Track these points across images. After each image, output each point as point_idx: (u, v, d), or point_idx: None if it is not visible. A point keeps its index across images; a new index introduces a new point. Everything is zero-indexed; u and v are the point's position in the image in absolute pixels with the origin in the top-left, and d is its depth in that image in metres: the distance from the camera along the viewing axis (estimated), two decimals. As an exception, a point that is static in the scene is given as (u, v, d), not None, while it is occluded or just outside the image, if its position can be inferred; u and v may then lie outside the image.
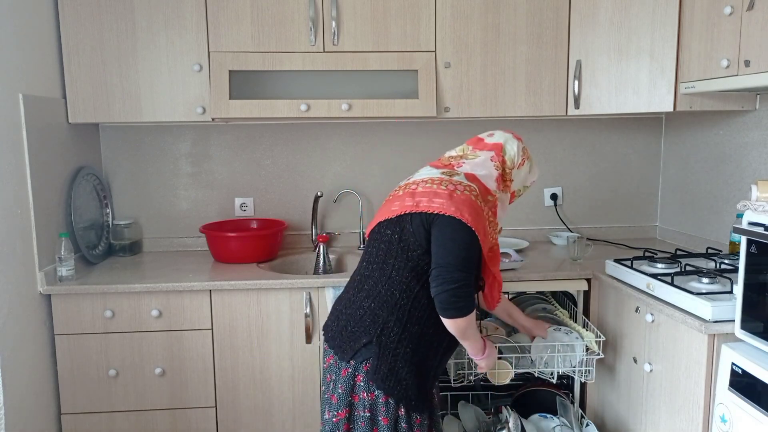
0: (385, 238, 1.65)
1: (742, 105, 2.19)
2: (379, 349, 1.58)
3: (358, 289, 1.67)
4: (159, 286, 2.14)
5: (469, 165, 1.74)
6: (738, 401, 1.53)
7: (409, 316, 1.59)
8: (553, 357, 2.03)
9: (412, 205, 1.60)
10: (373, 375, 1.57)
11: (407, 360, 1.59)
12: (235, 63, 2.32)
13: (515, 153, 1.77)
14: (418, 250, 1.59)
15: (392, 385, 1.57)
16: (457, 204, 1.57)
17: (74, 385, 2.19)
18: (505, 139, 1.78)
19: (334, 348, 1.66)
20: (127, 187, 2.71)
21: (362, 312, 1.63)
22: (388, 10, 2.35)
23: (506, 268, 2.25)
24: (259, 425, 2.27)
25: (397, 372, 1.58)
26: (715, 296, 1.68)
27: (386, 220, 1.66)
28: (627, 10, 2.26)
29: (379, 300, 1.61)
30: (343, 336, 1.64)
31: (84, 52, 2.30)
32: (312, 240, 2.69)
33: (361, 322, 1.62)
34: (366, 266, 1.69)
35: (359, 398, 1.59)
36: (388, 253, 1.63)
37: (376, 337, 1.58)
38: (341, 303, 1.71)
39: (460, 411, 2.25)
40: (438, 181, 1.64)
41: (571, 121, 2.83)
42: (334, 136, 2.76)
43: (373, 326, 1.60)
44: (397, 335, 1.59)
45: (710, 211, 2.48)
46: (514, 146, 1.77)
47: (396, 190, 1.73)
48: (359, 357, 1.59)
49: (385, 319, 1.59)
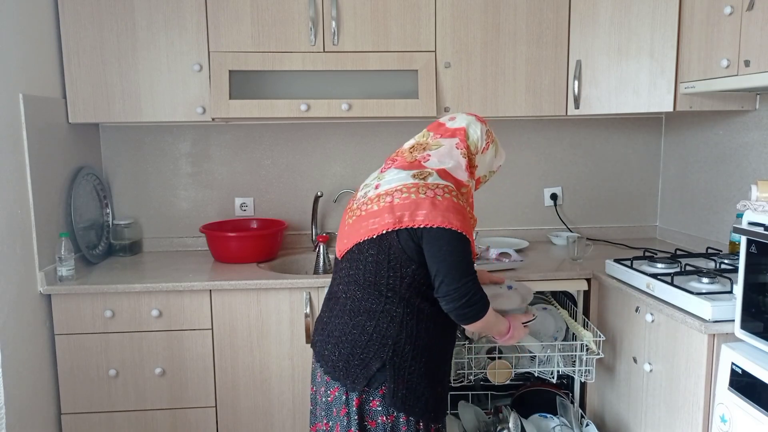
0: (369, 258, 1.53)
1: (742, 105, 2.19)
2: (394, 371, 1.51)
3: (354, 313, 1.56)
4: (159, 286, 2.14)
5: (436, 157, 1.61)
6: (738, 401, 1.53)
7: (417, 330, 1.54)
8: (551, 345, 2.04)
9: (394, 222, 1.49)
10: (392, 399, 1.51)
11: (422, 375, 1.54)
12: (235, 63, 2.32)
13: (479, 137, 1.66)
14: (411, 266, 1.51)
15: (413, 404, 1.52)
16: (442, 212, 1.48)
17: (74, 385, 2.19)
18: (467, 122, 1.67)
19: (340, 379, 1.55)
20: (127, 187, 2.71)
21: (367, 337, 1.53)
22: (388, 10, 2.35)
23: (506, 268, 2.25)
24: (259, 425, 2.27)
25: (415, 390, 1.53)
26: (715, 296, 1.68)
27: (367, 240, 1.53)
28: (627, 10, 2.26)
29: (383, 321, 1.53)
30: (350, 365, 1.53)
31: (84, 52, 2.30)
32: (312, 240, 2.69)
33: (368, 347, 1.53)
34: (353, 289, 1.57)
35: (377, 423, 1.53)
36: (378, 273, 1.53)
37: (389, 359, 1.51)
38: (336, 330, 1.59)
39: (460, 411, 2.25)
40: (414, 189, 1.52)
41: (571, 121, 2.83)
42: (334, 136, 2.76)
43: (383, 349, 1.52)
44: (410, 353, 1.52)
45: (710, 211, 2.48)
46: (477, 130, 1.66)
47: (364, 203, 1.58)
48: (374, 384, 1.52)
49: (394, 339, 1.52)
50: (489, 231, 2.85)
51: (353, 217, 1.60)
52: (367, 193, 1.61)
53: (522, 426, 2.04)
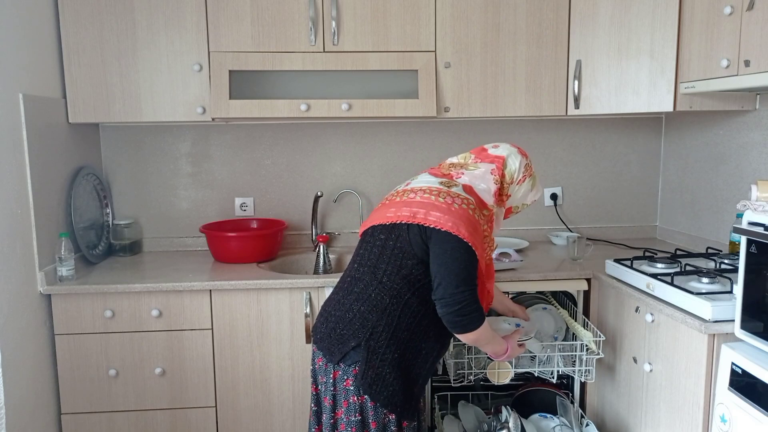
0: (378, 242, 1.64)
1: (742, 105, 2.19)
2: (367, 353, 1.57)
3: (348, 292, 1.66)
4: (159, 286, 2.14)
5: (469, 176, 1.72)
6: (738, 401, 1.53)
7: (398, 321, 1.59)
8: (551, 344, 2.04)
9: (409, 216, 1.59)
10: (361, 380, 1.57)
11: (394, 366, 1.58)
12: (235, 63, 2.32)
13: (516, 168, 1.74)
14: (412, 259, 1.59)
15: (378, 390, 1.57)
16: (455, 218, 1.56)
17: (74, 385, 2.19)
18: (508, 153, 1.75)
19: (323, 350, 1.65)
20: (127, 187, 2.71)
21: (351, 315, 1.62)
22: (388, 10, 2.35)
23: (506, 268, 2.25)
24: (259, 425, 2.27)
25: (383, 377, 1.57)
26: (715, 296, 1.68)
27: (381, 225, 1.65)
28: (627, 9, 2.26)
29: (369, 304, 1.60)
30: (332, 338, 1.63)
31: (84, 52, 2.30)
32: (312, 240, 2.69)
33: (350, 324, 1.61)
34: (357, 268, 1.68)
35: (348, 403, 1.59)
36: (381, 257, 1.62)
37: (365, 341, 1.58)
38: (330, 304, 1.70)
39: (460, 411, 2.25)
40: (436, 192, 1.63)
41: (571, 121, 2.83)
42: (334, 136, 2.76)
43: (362, 330, 1.59)
44: (386, 340, 1.58)
45: (710, 211, 2.48)
46: (517, 161, 1.75)
47: (393, 195, 1.72)
48: (348, 360, 1.59)
49: (374, 323, 1.59)
50: (489, 231, 2.85)
51: (379, 205, 1.73)
52: (397, 188, 1.75)
53: (522, 426, 2.04)
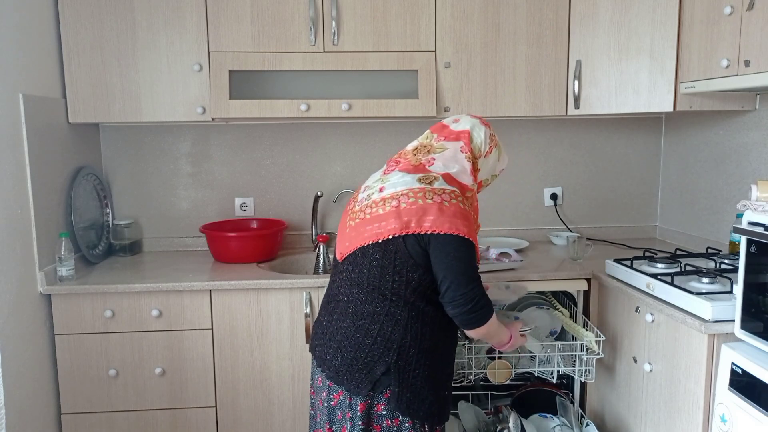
0: (374, 262, 1.52)
1: (742, 105, 2.19)
2: (398, 375, 1.50)
3: (356, 316, 1.55)
4: (159, 286, 2.14)
5: (441, 161, 1.61)
6: (738, 401, 1.53)
7: (421, 333, 1.53)
8: (552, 345, 2.04)
9: (401, 227, 1.49)
10: (396, 403, 1.50)
11: (426, 378, 1.54)
12: (235, 63, 2.32)
13: (482, 141, 1.65)
14: (417, 270, 1.51)
15: (417, 408, 1.52)
16: (450, 218, 1.49)
17: (74, 385, 2.19)
18: (471, 125, 1.65)
19: (344, 384, 1.53)
20: (127, 187, 2.71)
21: (371, 340, 1.52)
22: (388, 10, 2.35)
23: (506, 268, 2.25)
24: (259, 425, 2.27)
25: (419, 393, 1.53)
26: (715, 296, 1.68)
27: (373, 244, 1.52)
28: (627, 9, 2.26)
29: (388, 324, 1.52)
30: (354, 369, 1.52)
31: (84, 52, 2.30)
32: (312, 240, 2.69)
33: (372, 350, 1.52)
34: (356, 292, 1.56)
35: (381, 427, 1.53)
36: (383, 277, 1.52)
37: (394, 363, 1.50)
38: (338, 334, 1.57)
39: (460, 411, 2.25)
40: (421, 194, 1.51)
41: (571, 121, 2.83)
42: (334, 136, 2.76)
43: (387, 352, 1.51)
44: (414, 355, 1.52)
45: (710, 211, 2.48)
46: (482, 133, 1.65)
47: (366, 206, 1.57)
48: (379, 388, 1.51)
49: (399, 342, 1.51)
50: (489, 231, 2.85)
51: (356, 220, 1.58)
52: (370, 196, 1.59)
53: (522, 426, 2.04)
